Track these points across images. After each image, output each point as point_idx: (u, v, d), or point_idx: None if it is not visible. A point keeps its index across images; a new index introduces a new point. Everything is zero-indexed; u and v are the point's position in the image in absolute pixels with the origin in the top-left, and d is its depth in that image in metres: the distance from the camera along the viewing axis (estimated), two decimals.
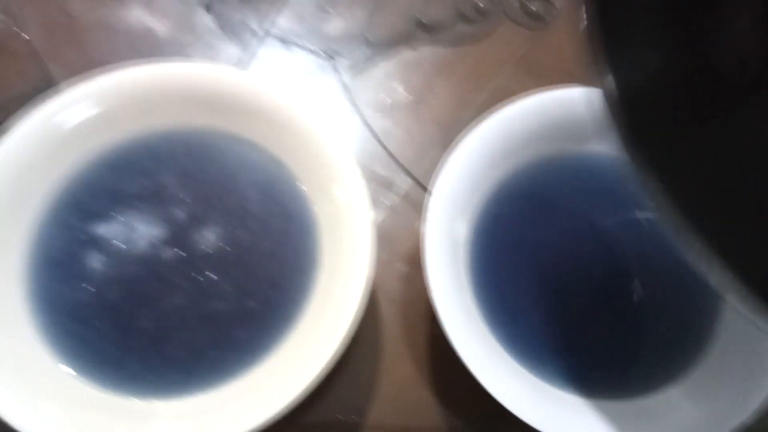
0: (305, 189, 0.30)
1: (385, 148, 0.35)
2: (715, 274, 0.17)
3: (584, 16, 0.19)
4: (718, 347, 0.27)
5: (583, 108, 0.31)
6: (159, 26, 0.38)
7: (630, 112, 0.19)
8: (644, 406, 0.26)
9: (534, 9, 0.40)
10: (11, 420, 0.24)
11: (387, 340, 0.31)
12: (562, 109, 0.31)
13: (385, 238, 0.33)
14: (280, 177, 0.30)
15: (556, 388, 0.27)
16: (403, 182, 0.35)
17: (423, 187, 0.35)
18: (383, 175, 0.35)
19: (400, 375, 0.31)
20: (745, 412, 0.24)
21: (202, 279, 0.28)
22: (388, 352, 0.31)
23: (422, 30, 0.39)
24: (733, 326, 0.28)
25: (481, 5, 0.39)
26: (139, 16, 0.38)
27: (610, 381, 0.27)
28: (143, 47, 0.37)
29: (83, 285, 0.27)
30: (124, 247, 0.28)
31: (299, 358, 0.26)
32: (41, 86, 0.35)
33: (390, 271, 0.33)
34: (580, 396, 0.27)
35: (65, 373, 0.26)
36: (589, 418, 0.26)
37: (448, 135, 0.36)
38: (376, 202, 0.34)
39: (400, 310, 0.32)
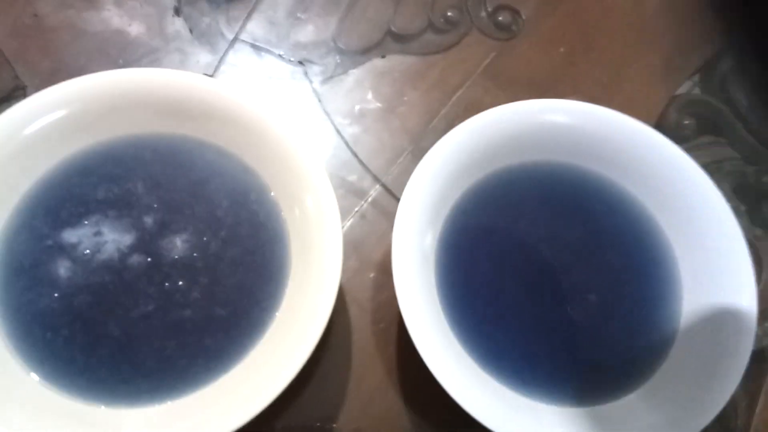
0: (275, 196, 0.30)
1: (355, 155, 0.36)
2: None
3: None
4: (677, 354, 0.29)
5: (549, 119, 0.32)
6: (128, 29, 0.37)
7: None
8: (606, 412, 0.28)
9: (501, 20, 0.40)
10: None
11: (357, 346, 0.32)
12: (527, 121, 0.31)
13: (354, 245, 0.34)
14: (249, 184, 0.30)
15: (521, 395, 0.28)
16: (373, 189, 0.35)
17: (392, 194, 0.35)
18: (353, 182, 0.35)
19: (370, 381, 0.31)
20: (705, 418, 0.26)
21: (170, 286, 0.28)
22: (359, 358, 0.31)
23: (392, 38, 0.39)
24: (691, 332, 0.29)
25: (451, 15, 0.40)
26: (107, 18, 0.37)
27: (574, 388, 0.28)
28: (112, 50, 0.37)
29: (50, 292, 0.27)
30: (92, 254, 0.28)
31: (268, 365, 0.27)
32: (8, 89, 0.34)
33: (360, 278, 0.33)
34: (544, 403, 0.28)
35: (32, 380, 0.26)
36: (552, 425, 0.27)
37: (417, 143, 0.37)
38: (345, 209, 0.35)
39: (370, 316, 0.32)
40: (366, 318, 0.32)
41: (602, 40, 0.40)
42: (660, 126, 0.39)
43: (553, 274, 0.31)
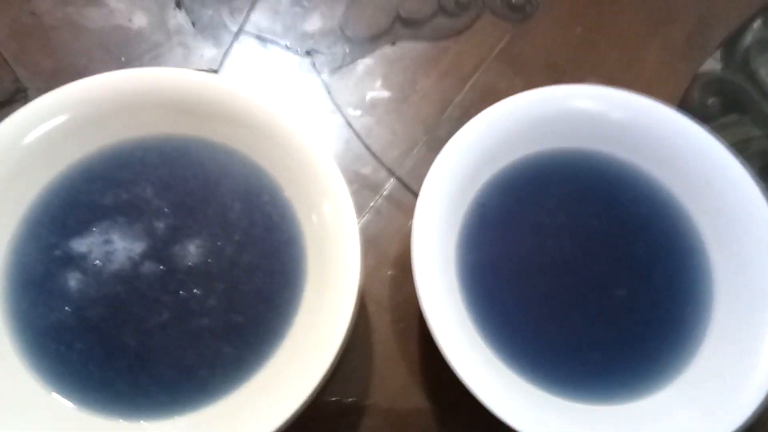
0: (289, 197, 0.29)
1: (368, 148, 0.35)
2: None
3: None
4: (710, 348, 0.28)
5: (572, 105, 0.31)
6: (129, 24, 0.36)
7: None
8: (638, 409, 0.27)
9: (514, 1, 0.39)
10: None
11: (378, 346, 0.31)
12: (548, 108, 0.30)
13: (370, 242, 0.33)
14: (262, 185, 0.29)
15: (550, 394, 0.27)
16: (388, 183, 0.34)
17: (408, 187, 0.34)
18: (367, 176, 0.34)
19: (393, 382, 0.30)
20: (740, 415, 0.25)
21: (185, 294, 0.27)
22: (380, 358, 0.31)
23: (402, 24, 0.38)
24: (724, 325, 0.28)
25: None
26: (107, 14, 0.36)
27: (604, 385, 0.27)
28: (113, 46, 0.35)
29: (62, 305, 0.27)
30: (103, 263, 0.27)
31: (289, 373, 0.26)
32: (9, 92, 0.33)
33: (377, 276, 0.32)
34: (572, 401, 0.27)
35: (49, 395, 0.26)
36: (581, 424, 0.26)
37: (432, 133, 0.35)
38: (360, 205, 0.34)
39: (389, 315, 0.32)
40: (385, 317, 0.32)
41: (621, 18, 0.39)
42: (683, 106, 0.37)
43: (580, 268, 0.30)
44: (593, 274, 0.29)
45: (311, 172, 0.28)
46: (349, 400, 0.30)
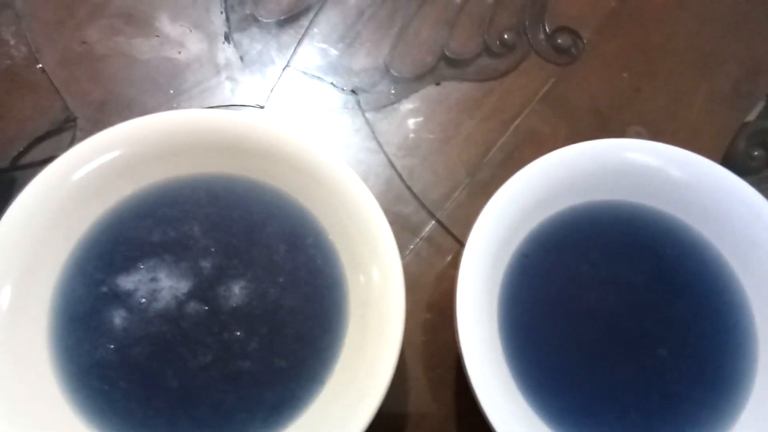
0: (333, 240, 0.29)
1: (409, 189, 0.35)
2: None
3: None
4: (752, 413, 0.27)
5: (623, 158, 0.30)
6: (178, 56, 0.37)
7: None
8: None
9: (560, 42, 0.39)
10: None
11: (413, 393, 0.31)
12: (600, 161, 0.30)
13: (408, 285, 0.33)
14: (307, 228, 0.29)
15: None
16: (428, 225, 0.34)
17: (448, 231, 0.34)
18: (407, 217, 0.34)
19: (427, 430, 0.30)
20: None
21: (228, 336, 0.27)
22: (414, 405, 0.31)
23: (447, 64, 0.38)
24: (767, 392, 0.27)
25: (507, 38, 0.39)
26: (157, 45, 0.37)
27: None
28: (162, 78, 0.36)
29: (107, 343, 0.27)
30: (148, 302, 0.27)
31: (328, 422, 0.26)
32: (59, 121, 0.34)
33: (414, 319, 0.32)
34: None
35: None
36: None
37: (473, 176, 0.35)
38: (400, 246, 0.33)
39: (425, 361, 0.31)
40: (421, 362, 0.31)
41: (667, 64, 0.38)
42: (728, 157, 0.37)
43: (623, 325, 0.29)
44: (635, 331, 0.29)
45: (352, 210, 0.28)
46: None
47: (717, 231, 0.30)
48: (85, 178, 0.28)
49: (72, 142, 0.33)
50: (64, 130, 0.34)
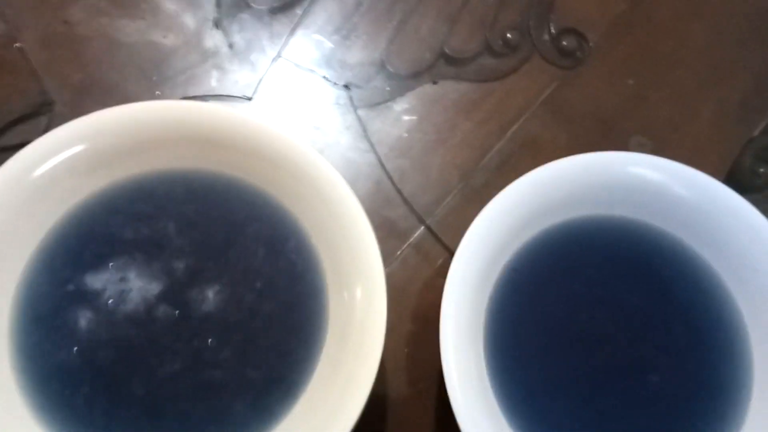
0: (315, 245, 0.28)
1: (399, 192, 0.33)
2: None
3: None
4: None
5: (617, 173, 0.29)
6: (164, 40, 0.35)
7: None
8: None
9: (566, 44, 0.37)
10: None
11: (393, 408, 0.30)
12: (596, 174, 0.29)
13: (393, 294, 0.31)
14: (288, 230, 0.28)
15: None
16: (417, 231, 0.33)
17: (438, 238, 0.33)
18: (395, 221, 0.33)
19: None
20: None
21: (199, 344, 0.26)
22: (394, 421, 0.29)
23: (445, 62, 0.36)
24: (759, 427, 0.26)
25: (510, 37, 0.37)
26: (142, 28, 0.35)
27: None
28: (146, 64, 0.34)
29: (70, 344, 0.25)
30: (116, 303, 0.26)
31: None
32: (35, 104, 0.32)
33: (397, 331, 0.31)
34: None
35: None
36: None
37: (467, 181, 0.34)
38: (386, 253, 0.32)
39: (407, 374, 0.30)
40: (402, 376, 0.30)
41: (675, 73, 0.37)
42: (733, 172, 0.35)
43: (613, 347, 0.28)
44: (626, 354, 0.28)
45: (337, 214, 0.26)
46: None
47: (718, 253, 0.28)
48: (54, 170, 0.26)
49: (48, 126, 0.31)
50: (40, 114, 0.32)
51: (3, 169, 0.25)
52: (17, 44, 0.34)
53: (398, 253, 0.32)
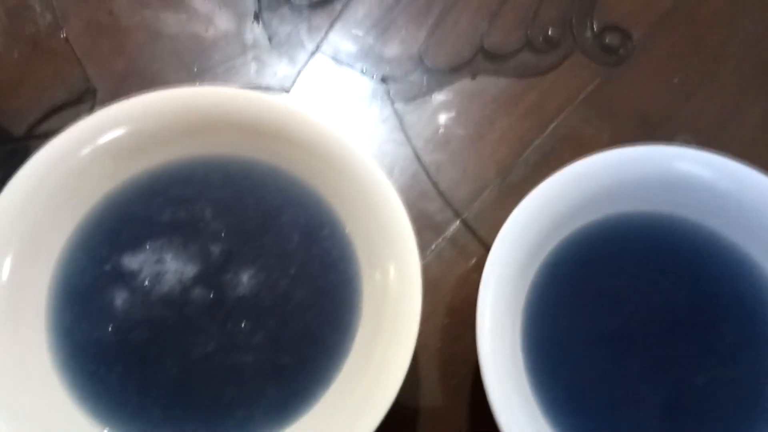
0: (350, 233, 0.27)
1: (435, 186, 0.33)
2: None
3: None
4: None
5: (664, 167, 0.28)
6: (205, 33, 0.35)
7: None
8: None
9: (608, 41, 0.36)
10: None
11: (425, 402, 0.29)
12: (636, 168, 0.28)
13: (427, 286, 0.31)
14: (323, 218, 0.28)
15: None
16: (453, 225, 0.32)
17: (474, 232, 0.32)
18: (431, 215, 0.32)
19: None
20: None
21: (232, 327, 0.26)
22: (426, 416, 0.29)
23: (484, 57, 0.36)
24: None
25: (552, 34, 0.36)
26: (184, 21, 0.35)
27: None
28: (187, 55, 0.35)
29: (105, 323, 0.25)
30: (152, 285, 0.26)
31: (331, 425, 0.24)
32: (78, 92, 0.33)
33: (431, 324, 0.30)
34: None
35: (83, 416, 0.25)
36: None
37: (504, 177, 0.33)
38: (421, 246, 0.31)
39: (441, 368, 0.30)
40: (436, 370, 0.30)
41: (723, 70, 0.36)
42: None
43: (656, 347, 0.27)
44: (670, 355, 0.27)
45: (373, 205, 0.26)
46: None
47: (766, 251, 0.27)
48: (94, 152, 0.26)
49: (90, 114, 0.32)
50: (83, 102, 0.33)
51: (48, 147, 0.26)
52: (63, 34, 0.34)
53: (433, 246, 0.32)
